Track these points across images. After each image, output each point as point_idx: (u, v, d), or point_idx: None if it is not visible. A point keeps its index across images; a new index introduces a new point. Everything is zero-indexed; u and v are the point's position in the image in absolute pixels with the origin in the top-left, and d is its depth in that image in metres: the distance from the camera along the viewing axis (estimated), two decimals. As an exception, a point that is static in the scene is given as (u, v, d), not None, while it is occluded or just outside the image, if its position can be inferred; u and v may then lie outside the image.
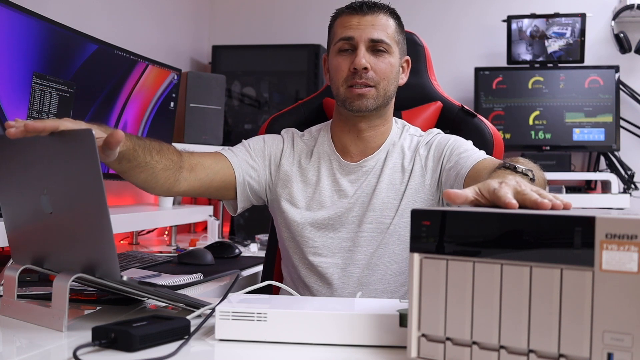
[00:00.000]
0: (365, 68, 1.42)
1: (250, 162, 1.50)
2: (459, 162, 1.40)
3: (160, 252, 2.23)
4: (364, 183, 1.48)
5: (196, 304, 1.08)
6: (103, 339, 0.88)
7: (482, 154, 1.41)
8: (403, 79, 1.53)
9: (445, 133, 1.54)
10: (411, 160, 1.49)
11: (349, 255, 1.46)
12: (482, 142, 1.57)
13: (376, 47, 1.43)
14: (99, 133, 1.08)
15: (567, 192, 3.12)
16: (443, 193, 0.94)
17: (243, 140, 1.55)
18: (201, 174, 1.41)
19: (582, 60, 3.21)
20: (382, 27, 1.44)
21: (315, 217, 1.48)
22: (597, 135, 3.17)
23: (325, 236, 1.48)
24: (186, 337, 0.93)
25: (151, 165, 1.29)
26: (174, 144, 2.25)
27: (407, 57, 1.55)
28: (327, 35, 1.53)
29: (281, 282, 1.54)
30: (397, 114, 1.63)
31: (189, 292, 1.39)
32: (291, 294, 1.24)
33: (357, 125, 1.49)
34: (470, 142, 1.48)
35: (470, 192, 0.86)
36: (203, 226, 3.03)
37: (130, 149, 1.22)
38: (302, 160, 1.53)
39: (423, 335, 0.80)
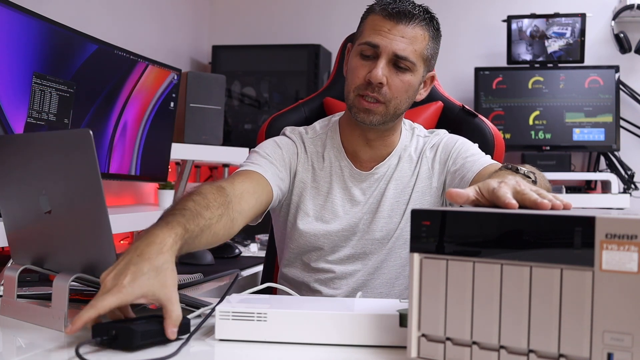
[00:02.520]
0: (381, 83, 1.34)
1: (279, 174, 1.40)
2: (465, 165, 1.38)
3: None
4: (375, 191, 1.45)
5: (196, 304, 1.08)
6: (104, 335, 0.87)
7: (488, 159, 1.39)
8: (422, 94, 1.46)
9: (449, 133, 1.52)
10: (418, 162, 1.46)
11: (357, 262, 1.45)
12: (483, 142, 1.57)
13: (398, 63, 1.35)
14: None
15: (567, 192, 3.12)
16: (445, 192, 0.94)
17: (257, 150, 1.44)
18: (251, 201, 1.28)
19: (582, 60, 3.21)
20: (412, 41, 1.35)
21: (329, 229, 1.43)
22: (597, 135, 3.17)
23: (337, 245, 1.44)
24: (187, 334, 0.93)
25: (207, 226, 1.11)
26: (173, 144, 2.27)
27: (433, 74, 1.46)
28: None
29: (280, 282, 1.53)
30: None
31: (189, 292, 1.39)
32: (290, 294, 1.24)
33: (366, 134, 1.45)
34: (476, 146, 1.46)
35: (471, 192, 0.86)
36: (203, 226, 3.01)
37: (181, 248, 1.02)
38: (315, 164, 1.47)
39: (423, 335, 0.80)
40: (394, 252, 1.44)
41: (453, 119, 1.66)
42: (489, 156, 1.42)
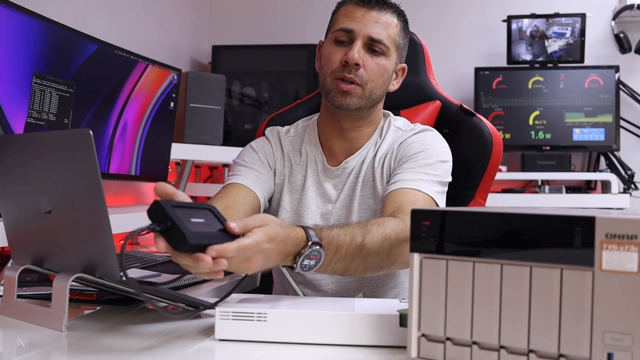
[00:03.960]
0: (357, 64, 1.35)
1: (260, 177, 1.43)
2: (394, 174, 1.36)
3: (161, 252, 2.22)
4: (346, 185, 1.44)
5: (196, 304, 1.08)
6: (161, 222, 0.88)
7: (410, 183, 1.32)
8: (394, 85, 1.47)
9: (436, 131, 1.47)
10: (386, 157, 1.43)
11: None
12: (482, 141, 1.56)
13: (373, 47, 1.37)
14: None
15: (567, 192, 3.12)
16: None
17: (236, 160, 1.48)
18: (232, 214, 1.32)
19: (582, 60, 3.21)
20: (385, 27, 1.38)
21: (302, 223, 1.42)
22: (597, 135, 3.18)
23: None
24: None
25: None
26: (173, 144, 2.27)
27: (404, 65, 1.48)
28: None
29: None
30: (396, 113, 1.61)
31: (189, 292, 1.39)
32: (287, 293, 1.24)
33: (341, 123, 1.44)
34: (436, 158, 1.38)
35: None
36: (203, 226, 3.01)
37: None
38: (293, 159, 1.48)
39: (423, 335, 0.80)
40: None
41: (451, 118, 1.66)
42: (422, 179, 1.34)
